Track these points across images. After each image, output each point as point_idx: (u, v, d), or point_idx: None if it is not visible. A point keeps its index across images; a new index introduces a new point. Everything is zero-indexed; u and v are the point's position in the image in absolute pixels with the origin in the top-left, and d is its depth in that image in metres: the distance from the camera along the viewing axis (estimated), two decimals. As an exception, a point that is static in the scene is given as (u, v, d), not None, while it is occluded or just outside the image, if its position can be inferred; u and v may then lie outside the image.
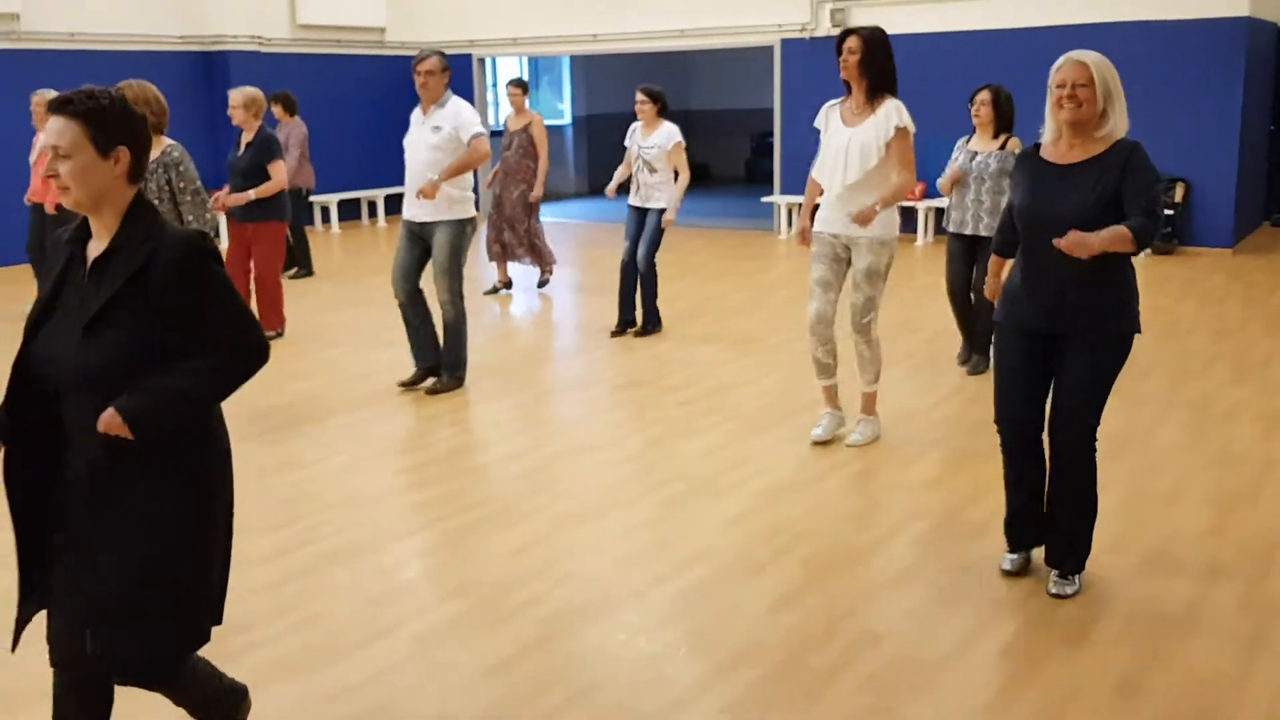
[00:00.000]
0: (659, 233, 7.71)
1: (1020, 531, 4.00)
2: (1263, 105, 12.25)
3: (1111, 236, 3.45)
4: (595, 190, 18.48)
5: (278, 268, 7.84)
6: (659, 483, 4.97)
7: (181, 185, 5.25)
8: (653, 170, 7.71)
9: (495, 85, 17.09)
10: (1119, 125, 3.68)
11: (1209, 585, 3.86)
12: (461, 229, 6.27)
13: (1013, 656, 3.43)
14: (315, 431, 5.78)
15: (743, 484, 4.94)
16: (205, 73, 13.16)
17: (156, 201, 5.27)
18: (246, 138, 7.72)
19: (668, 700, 3.20)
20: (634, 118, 7.91)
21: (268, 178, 7.56)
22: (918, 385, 6.48)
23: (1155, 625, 3.58)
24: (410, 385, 6.48)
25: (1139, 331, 3.75)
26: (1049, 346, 3.78)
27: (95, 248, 2.43)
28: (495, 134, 16.92)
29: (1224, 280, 9.69)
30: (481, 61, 15.32)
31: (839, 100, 5.29)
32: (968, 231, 6.58)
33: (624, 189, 8.05)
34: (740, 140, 19.44)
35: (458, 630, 3.62)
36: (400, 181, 6.55)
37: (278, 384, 6.46)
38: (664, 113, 7.76)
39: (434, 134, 6.18)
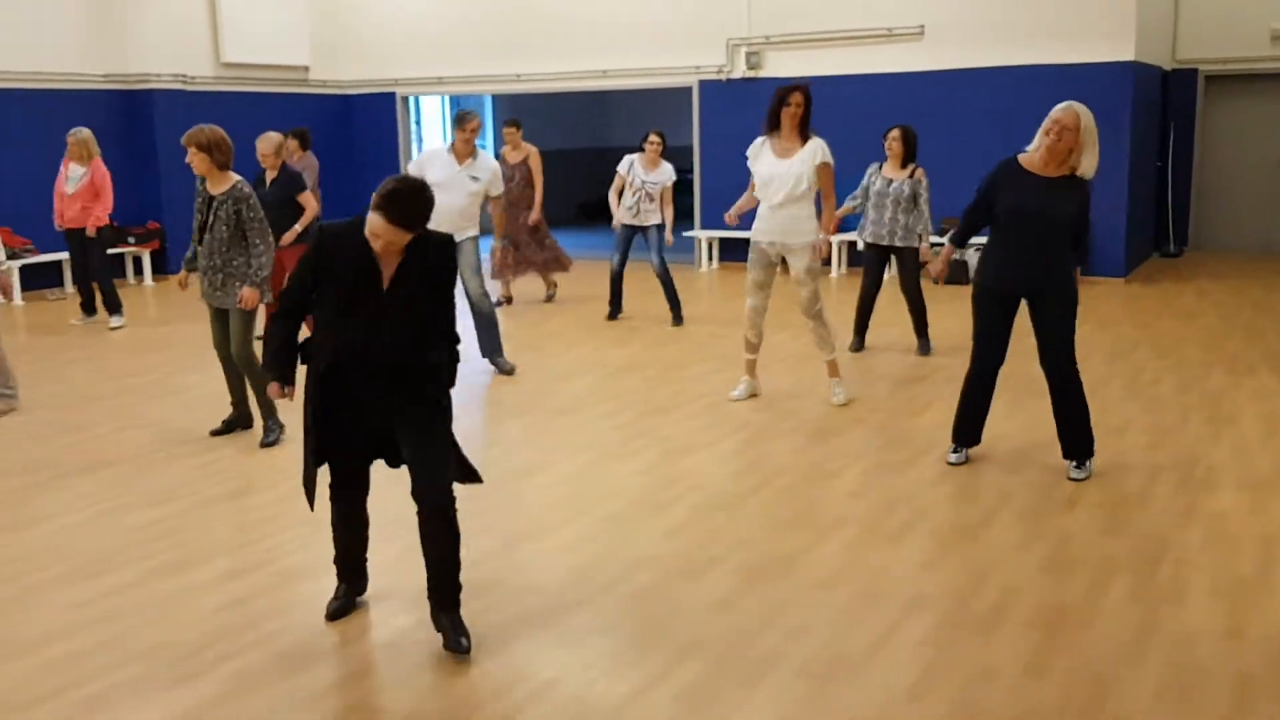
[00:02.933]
0: (663, 244, 9.61)
1: (965, 433, 5.59)
2: (1150, 144, 13.06)
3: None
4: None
5: None
6: (597, 500, 5.26)
7: (250, 215, 6.00)
8: (652, 199, 9.59)
9: (419, 123, 17.34)
10: (1088, 166, 5.00)
11: (1105, 577, 4.27)
12: (477, 242, 7.82)
13: (931, 645, 3.78)
14: (206, 461, 5.96)
15: (678, 499, 5.25)
16: (129, 111, 13.18)
17: (225, 230, 5.99)
18: (271, 175, 8.59)
19: (625, 692, 3.49)
20: (562, 154, 8.95)
21: (296, 208, 8.54)
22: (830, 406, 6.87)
23: (1057, 614, 3.97)
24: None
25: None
26: (1016, 305, 5.31)
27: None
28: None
29: (1117, 307, 10.32)
30: (405, 100, 15.55)
31: (766, 137, 6.57)
32: (884, 243, 8.14)
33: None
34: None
35: (418, 634, 3.86)
36: (342, 216, 6.97)
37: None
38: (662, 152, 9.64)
39: (474, 183, 7.52)
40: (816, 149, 6.43)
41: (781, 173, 6.44)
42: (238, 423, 6.50)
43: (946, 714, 3.32)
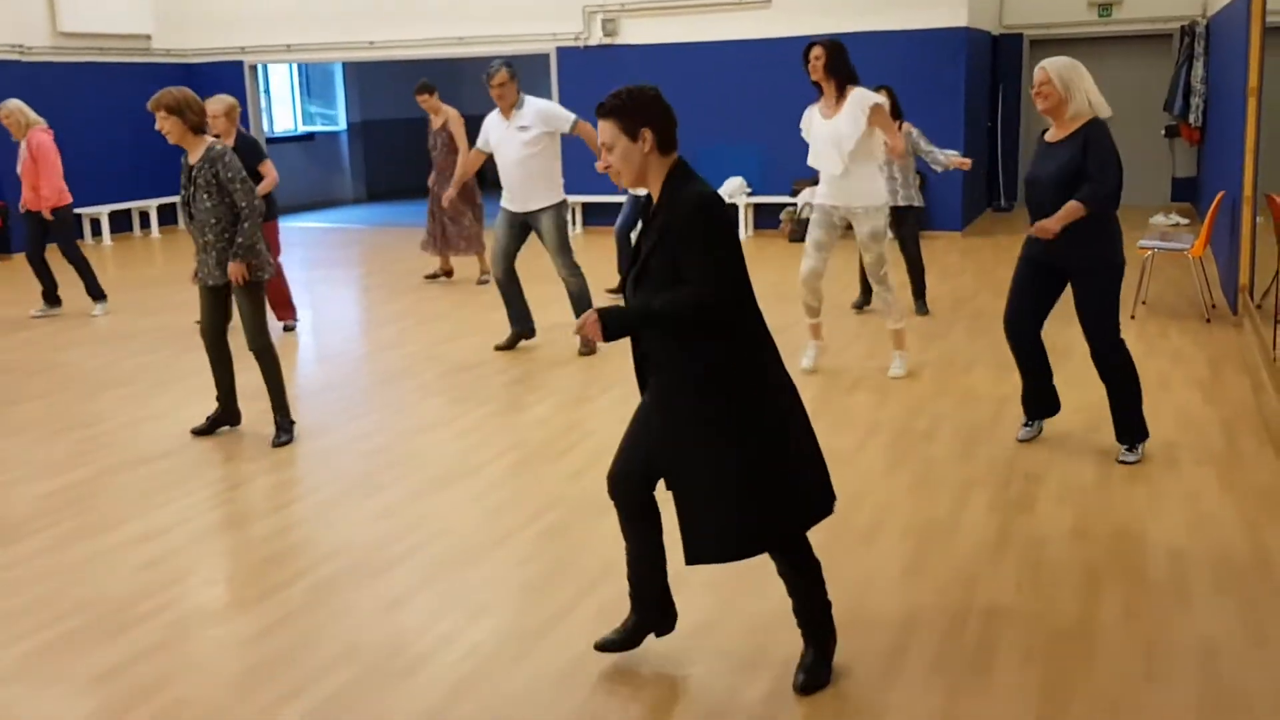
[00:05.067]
0: None
1: (1031, 405, 5.42)
2: (983, 105, 13.90)
3: (1065, 213, 4.81)
4: (374, 196, 18.64)
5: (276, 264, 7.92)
6: (502, 450, 5.54)
7: (229, 175, 5.41)
8: None
9: (268, 92, 17.00)
10: (1082, 108, 4.83)
11: (966, 494, 4.79)
12: (560, 211, 7.38)
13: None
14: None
15: (576, 446, 5.56)
16: (-42, 82, 12.58)
17: (206, 195, 5.42)
18: (229, 143, 7.49)
19: (546, 615, 3.80)
20: (411, 123, 8.70)
21: (257, 179, 7.58)
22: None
23: (926, 526, 4.46)
24: (506, 348, 7.58)
25: (1123, 262, 4.92)
26: (1052, 274, 5.05)
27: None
28: (275, 140, 16.82)
29: (957, 258, 11.06)
30: (254, 68, 15.24)
31: (814, 103, 6.45)
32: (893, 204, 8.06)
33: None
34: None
35: (352, 574, 4.08)
36: (171, 191, 6.76)
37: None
38: None
39: (523, 133, 7.21)
40: (857, 99, 6.19)
41: (827, 134, 6.27)
42: (224, 419, 5.96)
43: (839, 617, 3.74)
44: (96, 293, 9.31)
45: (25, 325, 8.99)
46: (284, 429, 5.74)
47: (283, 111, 18.12)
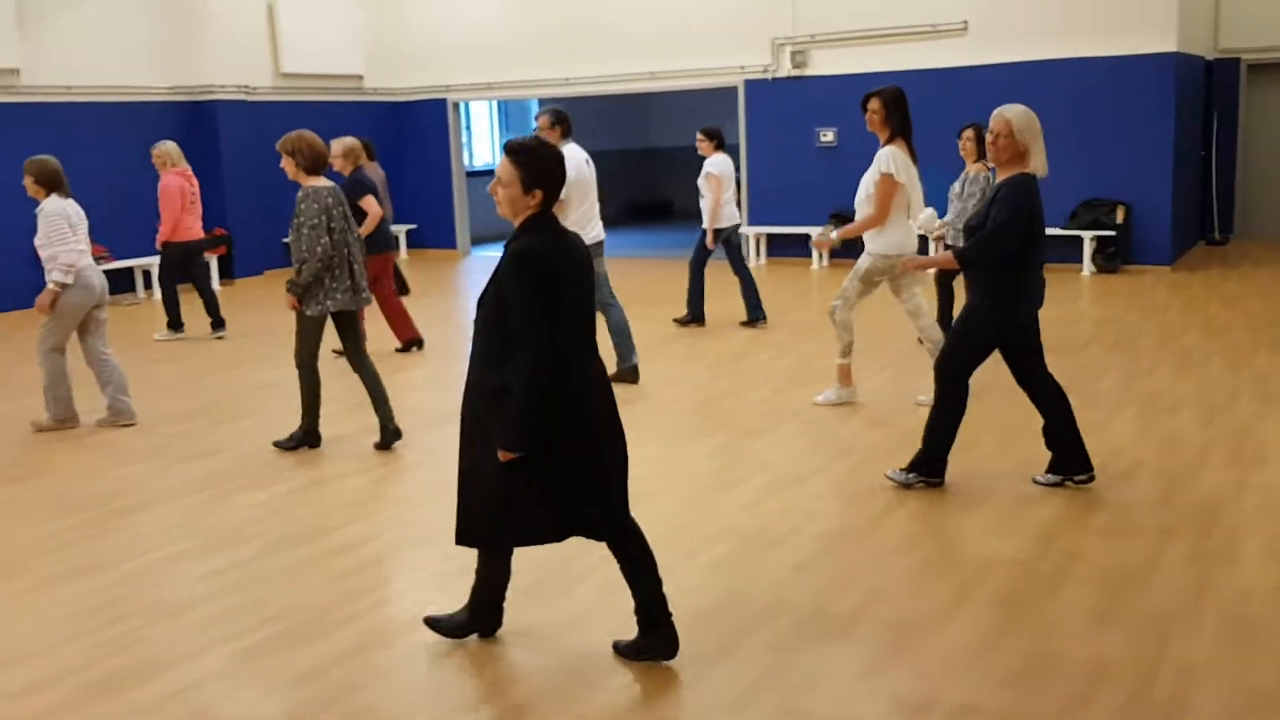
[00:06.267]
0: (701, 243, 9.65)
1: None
2: (1194, 133, 13.20)
3: (938, 258, 5.24)
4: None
5: (387, 291, 8.70)
6: (674, 480, 5.59)
7: (297, 220, 5.93)
8: (700, 195, 9.63)
9: (469, 127, 17.76)
10: (1039, 165, 4.86)
11: (1164, 542, 4.53)
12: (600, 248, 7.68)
13: (1001, 607, 4.06)
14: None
15: (750, 479, 5.56)
16: (193, 121, 13.67)
17: (293, 231, 5.95)
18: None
19: (718, 642, 3.80)
20: (603, 155, 9.01)
21: (360, 214, 8.18)
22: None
23: (1118, 573, 4.24)
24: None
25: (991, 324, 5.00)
26: None
27: None
28: (475, 174, 17.51)
29: (1164, 294, 10.50)
30: (456, 105, 15.96)
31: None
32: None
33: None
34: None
35: (529, 596, 4.20)
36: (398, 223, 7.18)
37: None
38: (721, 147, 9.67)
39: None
40: (881, 156, 6.36)
41: (865, 180, 6.51)
42: (386, 428, 6.28)
43: (1021, 663, 3.61)
44: (174, 321, 10.07)
45: (207, 343, 9.63)
46: (294, 438, 6.30)
47: (482, 145, 18.89)
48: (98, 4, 12.75)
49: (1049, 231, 5.38)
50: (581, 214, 7.35)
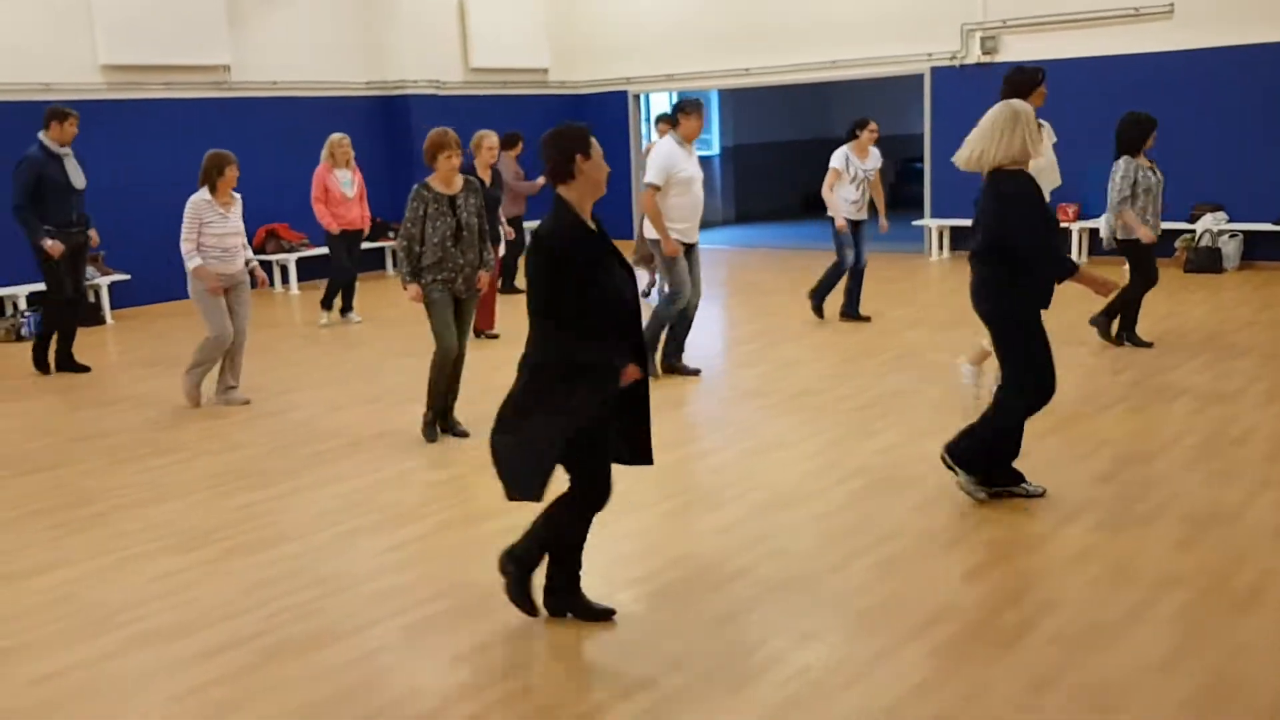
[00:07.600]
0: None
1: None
2: None
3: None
4: (742, 218, 19.10)
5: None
6: (845, 476, 5.50)
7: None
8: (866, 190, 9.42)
9: (648, 120, 17.91)
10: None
11: (1372, 565, 4.19)
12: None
13: (1182, 620, 3.83)
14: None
15: (923, 478, 5.42)
16: (386, 114, 14.26)
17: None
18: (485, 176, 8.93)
19: (878, 647, 3.73)
20: (781, 146, 8.78)
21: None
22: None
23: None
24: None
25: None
26: None
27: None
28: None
29: (1389, 295, 9.67)
30: (637, 97, 16.12)
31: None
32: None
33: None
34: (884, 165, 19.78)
35: (676, 590, 4.21)
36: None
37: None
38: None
39: (698, 168, 7.59)
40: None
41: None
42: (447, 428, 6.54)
43: (1202, 684, 3.40)
44: (327, 302, 10.62)
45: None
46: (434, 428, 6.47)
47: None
48: (301, 4, 13.45)
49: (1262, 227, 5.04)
50: (682, 206, 7.42)
